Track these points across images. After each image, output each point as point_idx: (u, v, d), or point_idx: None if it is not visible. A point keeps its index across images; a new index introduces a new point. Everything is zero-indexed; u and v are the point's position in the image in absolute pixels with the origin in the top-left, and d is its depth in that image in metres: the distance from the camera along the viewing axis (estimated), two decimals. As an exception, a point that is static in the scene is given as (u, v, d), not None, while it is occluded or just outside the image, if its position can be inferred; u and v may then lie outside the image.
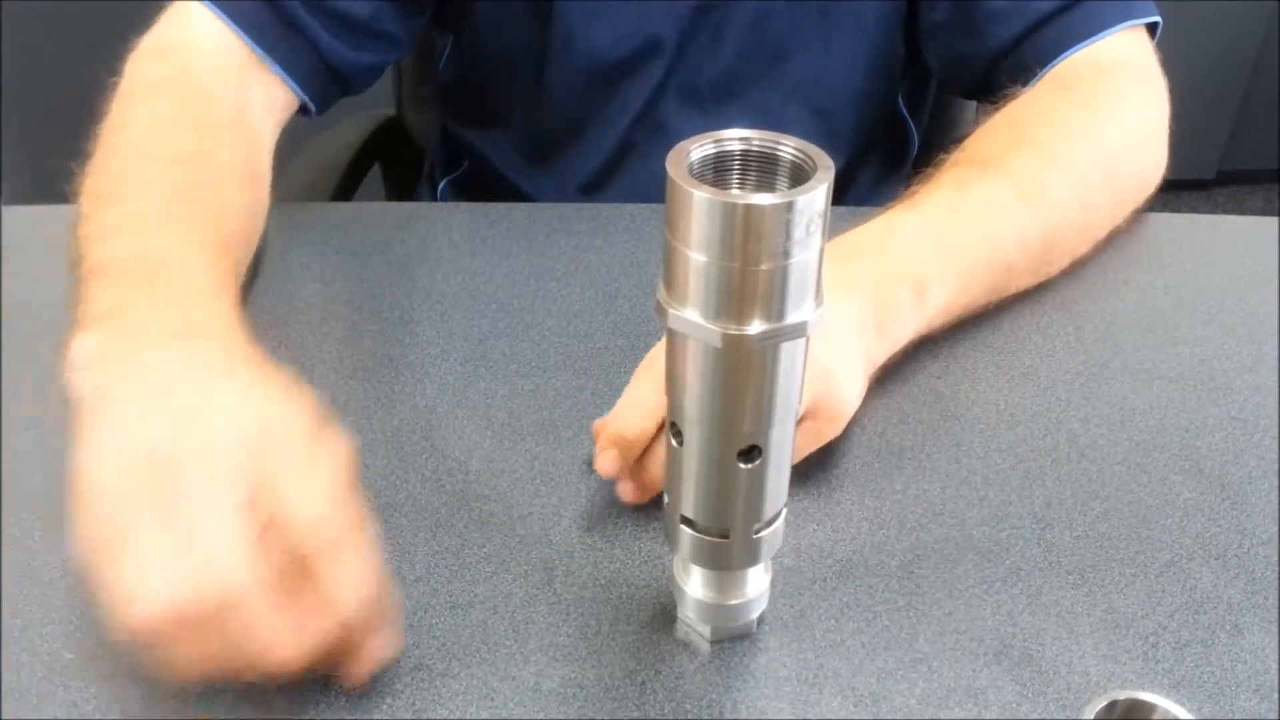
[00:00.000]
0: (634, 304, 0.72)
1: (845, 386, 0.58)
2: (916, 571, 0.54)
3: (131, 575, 0.42)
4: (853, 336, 0.59)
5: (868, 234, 0.65)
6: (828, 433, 0.58)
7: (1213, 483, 0.59)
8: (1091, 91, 0.78)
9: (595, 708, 0.48)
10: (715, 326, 0.38)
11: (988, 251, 0.68)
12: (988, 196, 0.69)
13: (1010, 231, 0.69)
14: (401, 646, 0.49)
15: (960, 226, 0.67)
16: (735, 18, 0.88)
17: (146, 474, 0.43)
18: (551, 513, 0.57)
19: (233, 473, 0.43)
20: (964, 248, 0.67)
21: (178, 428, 0.45)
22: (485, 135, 1.01)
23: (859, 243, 0.64)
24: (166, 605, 0.41)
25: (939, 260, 0.65)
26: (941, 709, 0.48)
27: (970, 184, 0.70)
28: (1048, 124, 0.75)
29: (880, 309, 0.61)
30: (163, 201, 0.63)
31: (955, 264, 0.66)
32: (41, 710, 0.48)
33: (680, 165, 0.37)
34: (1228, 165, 2.60)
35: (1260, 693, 0.48)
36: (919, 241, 0.65)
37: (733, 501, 0.44)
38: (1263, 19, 2.40)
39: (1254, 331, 0.71)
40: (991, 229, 0.68)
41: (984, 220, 0.68)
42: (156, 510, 0.42)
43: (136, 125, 0.70)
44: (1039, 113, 0.77)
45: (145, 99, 0.73)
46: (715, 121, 0.40)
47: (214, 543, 0.42)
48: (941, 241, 0.66)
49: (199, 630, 0.42)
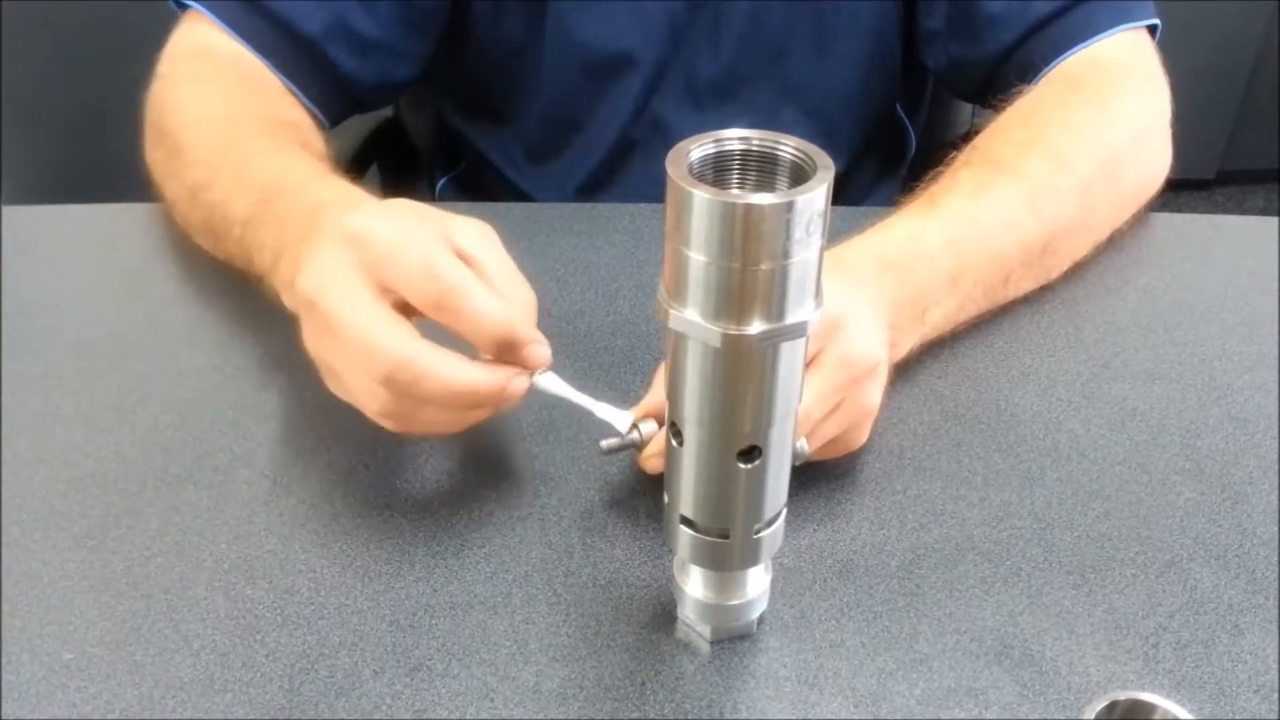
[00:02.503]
0: (634, 304, 0.72)
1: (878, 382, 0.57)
2: (916, 571, 0.54)
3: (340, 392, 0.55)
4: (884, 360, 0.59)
5: (894, 243, 0.64)
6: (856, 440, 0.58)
7: (1213, 483, 0.59)
8: (1098, 90, 0.78)
9: (595, 708, 0.48)
10: (715, 326, 0.38)
11: (991, 269, 0.68)
12: (999, 206, 0.69)
13: (1015, 244, 0.69)
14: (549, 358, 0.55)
15: (971, 243, 0.67)
16: (732, 17, 0.89)
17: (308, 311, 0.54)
18: (551, 513, 0.57)
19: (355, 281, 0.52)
20: (970, 270, 0.67)
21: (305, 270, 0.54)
22: (484, 132, 1.01)
23: (888, 253, 0.63)
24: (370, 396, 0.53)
25: (946, 283, 0.65)
26: (941, 709, 0.48)
27: (986, 190, 0.69)
28: (1058, 124, 0.75)
29: (894, 330, 0.61)
30: (262, 145, 0.71)
31: (959, 288, 0.66)
32: (41, 710, 0.48)
33: (680, 165, 0.37)
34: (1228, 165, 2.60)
35: (1260, 693, 0.48)
36: (935, 261, 0.65)
37: (732, 501, 0.44)
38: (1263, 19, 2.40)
39: (1254, 331, 0.71)
40: (999, 243, 0.68)
41: (994, 236, 0.68)
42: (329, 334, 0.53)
43: (208, 101, 0.77)
44: (1049, 112, 0.77)
45: (202, 80, 0.79)
46: (714, 121, 0.40)
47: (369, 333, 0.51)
48: (952, 261, 0.65)
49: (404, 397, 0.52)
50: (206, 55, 0.80)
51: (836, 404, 0.54)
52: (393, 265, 0.52)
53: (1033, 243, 0.70)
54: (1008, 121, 0.76)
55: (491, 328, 0.52)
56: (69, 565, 0.54)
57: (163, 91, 0.78)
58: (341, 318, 0.52)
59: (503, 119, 0.99)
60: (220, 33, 0.80)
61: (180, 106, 0.76)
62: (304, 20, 0.80)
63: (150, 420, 0.63)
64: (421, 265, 0.52)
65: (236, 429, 0.62)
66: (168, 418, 0.63)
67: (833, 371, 0.53)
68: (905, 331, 0.63)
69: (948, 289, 0.66)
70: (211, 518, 0.57)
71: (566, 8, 0.88)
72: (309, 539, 0.56)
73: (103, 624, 0.51)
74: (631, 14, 0.88)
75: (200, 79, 0.78)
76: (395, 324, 0.52)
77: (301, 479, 0.59)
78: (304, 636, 0.51)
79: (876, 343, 0.56)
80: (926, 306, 0.64)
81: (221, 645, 0.50)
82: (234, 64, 0.80)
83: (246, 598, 0.52)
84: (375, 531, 0.56)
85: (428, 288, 0.51)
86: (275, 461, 0.60)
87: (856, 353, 0.54)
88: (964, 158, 0.73)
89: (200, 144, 0.73)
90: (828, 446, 0.56)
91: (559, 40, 0.90)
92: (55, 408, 0.64)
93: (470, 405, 0.53)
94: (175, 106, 0.76)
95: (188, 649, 0.50)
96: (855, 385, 0.55)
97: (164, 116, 0.76)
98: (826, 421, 0.54)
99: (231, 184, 0.69)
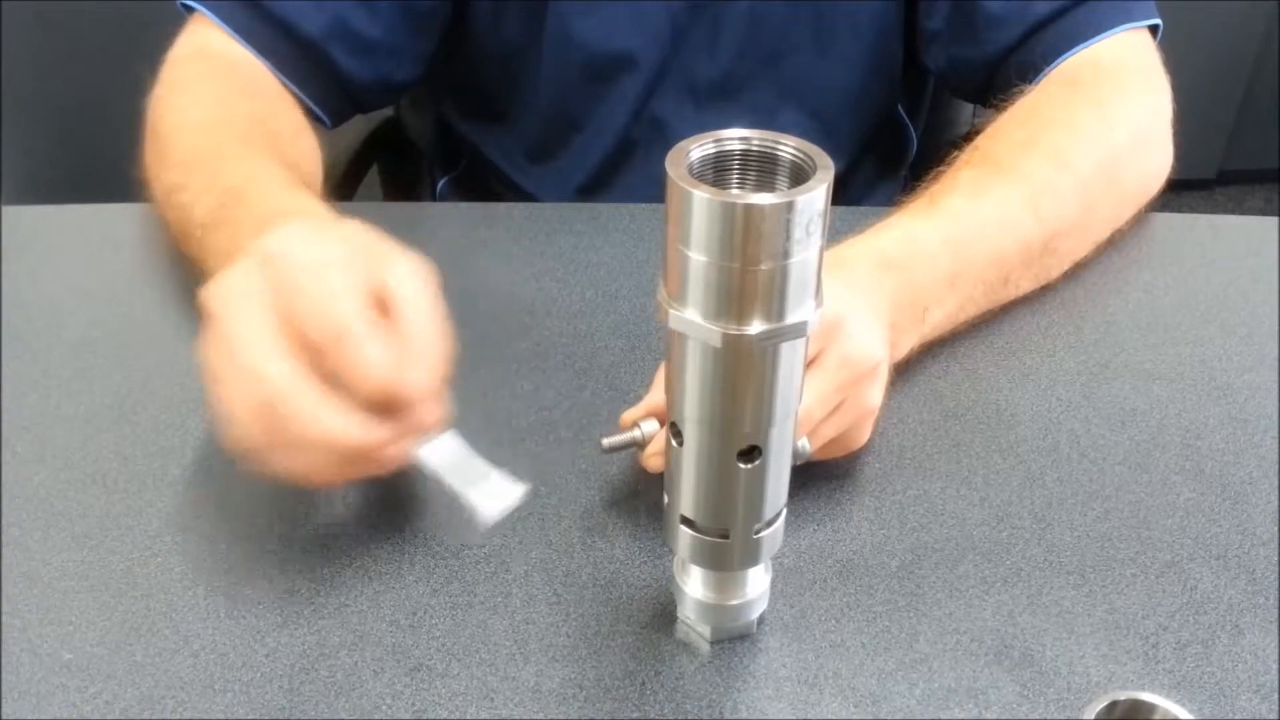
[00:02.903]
0: (634, 304, 0.72)
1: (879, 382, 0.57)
2: (916, 571, 0.54)
3: (216, 408, 0.50)
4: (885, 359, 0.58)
5: (895, 243, 0.64)
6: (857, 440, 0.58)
7: (1213, 483, 0.59)
8: (1099, 90, 0.78)
9: (595, 708, 0.48)
10: (715, 326, 0.38)
11: (992, 270, 0.68)
12: (999, 206, 0.69)
13: (1015, 244, 0.69)
14: (444, 418, 0.52)
15: (971, 243, 0.67)
16: (731, 17, 0.89)
17: (207, 320, 0.51)
18: (551, 513, 0.57)
19: (258, 303, 0.50)
20: (970, 270, 0.67)
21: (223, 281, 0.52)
22: (484, 131, 1.01)
23: (888, 254, 0.63)
24: (238, 421, 0.49)
25: (945, 283, 0.65)
26: (941, 709, 0.48)
27: (986, 191, 0.69)
28: (1058, 125, 0.75)
29: (894, 330, 0.61)
30: (238, 150, 0.71)
31: (959, 288, 0.66)
32: (41, 710, 0.48)
33: (680, 165, 0.37)
34: (1228, 165, 2.60)
35: (1260, 693, 0.48)
36: (934, 261, 0.65)
37: (733, 502, 0.44)
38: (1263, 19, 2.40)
39: (1254, 331, 0.71)
40: (999, 243, 0.68)
41: (994, 237, 0.68)
42: (217, 346, 0.50)
43: (200, 105, 0.76)
44: (1050, 112, 0.76)
45: (198, 83, 0.78)
46: (713, 121, 0.40)
47: (254, 357, 0.49)
48: (951, 261, 0.65)
49: (271, 431, 0.49)
50: (204, 57, 0.80)
51: (838, 404, 0.54)
52: (296, 296, 0.49)
53: (1033, 243, 0.70)
54: (1008, 122, 0.76)
55: (370, 381, 0.48)
56: (69, 565, 0.54)
57: (160, 94, 0.78)
58: (233, 335, 0.49)
59: (503, 119, 0.99)
60: (221, 34, 0.80)
61: (172, 109, 0.76)
62: (304, 21, 0.80)
63: (150, 420, 0.63)
64: (321, 302, 0.49)
65: (236, 429, 0.62)
66: (168, 418, 0.63)
67: (833, 371, 0.53)
68: (905, 331, 0.63)
69: (948, 289, 0.66)
70: (211, 518, 0.57)
71: (566, 8, 0.88)
72: (309, 539, 0.56)
73: (103, 624, 0.51)
74: (631, 14, 0.88)
75: (196, 82, 0.79)
76: (283, 356, 0.48)
77: (301, 479, 0.59)
78: (304, 636, 0.51)
79: (877, 342, 0.56)
80: (927, 306, 0.64)
81: (221, 645, 0.50)
82: (230, 67, 0.80)
83: (246, 598, 0.52)
84: (375, 531, 0.56)
85: (321, 326, 0.48)
86: (275, 461, 0.60)
87: (857, 352, 0.54)
88: (964, 158, 0.73)
89: (181, 147, 0.73)
90: (829, 446, 0.56)
91: (559, 41, 0.90)
92: (55, 408, 0.64)
93: (344, 459, 0.49)
94: (168, 109, 0.76)
95: (188, 649, 0.50)
96: (856, 385, 0.55)
97: (158, 119, 0.76)
98: (827, 421, 0.54)
99: (200, 187, 0.68)
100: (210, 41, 0.80)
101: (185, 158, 0.72)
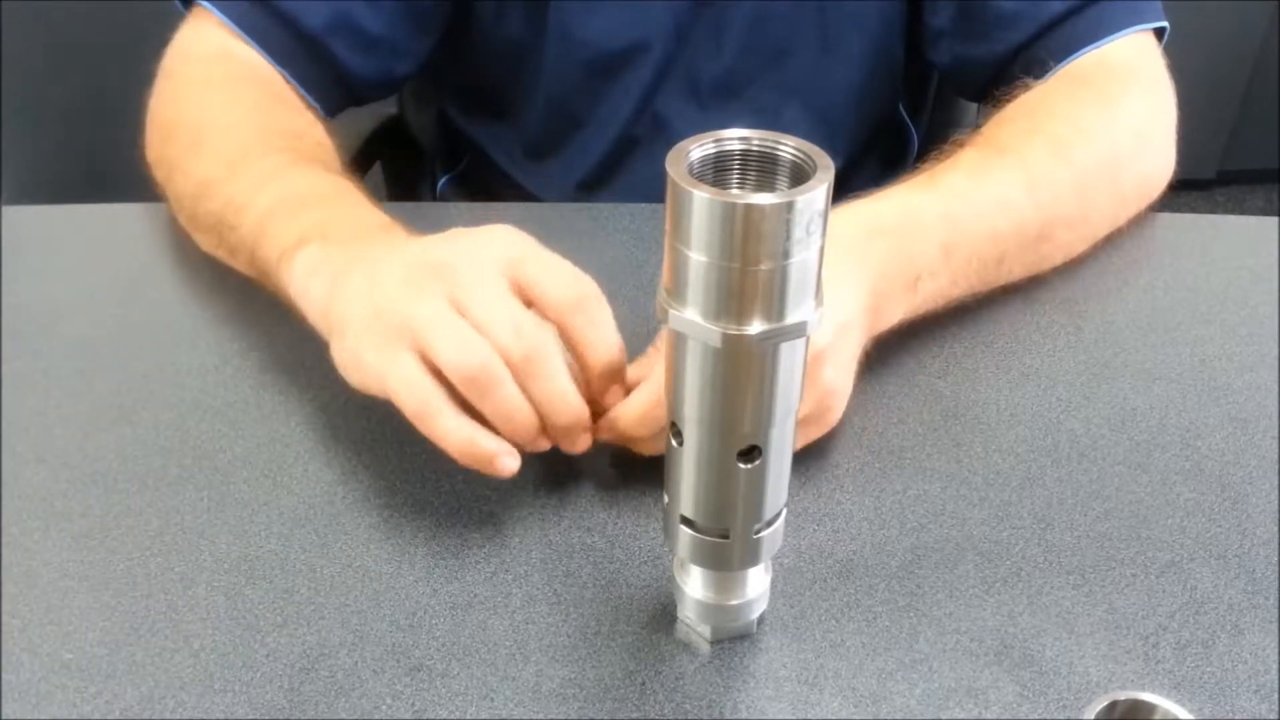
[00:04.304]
0: (634, 304, 0.72)
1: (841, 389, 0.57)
2: (916, 571, 0.54)
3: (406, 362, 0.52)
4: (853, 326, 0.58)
5: (889, 210, 0.65)
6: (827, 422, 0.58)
7: (1213, 483, 0.59)
8: (1105, 90, 0.78)
9: (595, 708, 0.48)
10: (715, 326, 0.38)
11: (987, 247, 0.68)
12: (998, 186, 0.69)
13: (1011, 225, 0.69)
14: None
15: (967, 218, 0.67)
16: (735, 16, 0.89)
17: (429, 272, 0.53)
18: (551, 513, 0.57)
19: (495, 268, 0.53)
20: (965, 244, 0.67)
21: (440, 247, 0.56)
22: (485, 129, 1.01)
23: (882, 221, 0.64)
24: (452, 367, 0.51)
25: (940, 254, 0.65)
26: (941, 709, 0.48)
27: (985, 171, 0.70)
28: (1063, 118, 0.75)
29: (878, 296, 0.61)
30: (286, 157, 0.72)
31: (953, 260, 0.66)
32: (41, 710, 0.48)
33: (680, 165, 0.37)
34: (1228, 165, 2.60)
35: (1260, 693, 0.48)
36: (928, 231, 0.65)
37: (732, 501, 0.44)
38: (1263, 19, 2.40)
39: (1254, 331, 0.71)
40: (995, 223, 0.68)
41: (990, 215, 0.68)
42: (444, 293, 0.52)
43: (235, 107, 0.77)
44: (1055, 106, 0.77)
45: (223, 88, 0.79)
46: (716, 119, 0.40)
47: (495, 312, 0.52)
48: (947, 233, 0.66)
49: (479, 389, 0.51)
50: (224, 60, 0.80)
51: None
52: (531, 264, 0.54)
53: (1028, 226, 0.70)
54: (1013, 112, 0.77)
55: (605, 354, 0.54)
56: (69, 565, 0.54)
57: (174, 90, 0.78)
58: (473, 292, 0.52)
59: (504, 116, 0.99)
60: (231, 35, 0.80)
61: (203, 106, 0.76)
62: (307, 15, 0.80)
63: (150, 420, 0.63)
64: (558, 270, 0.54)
65: (236, 429, 0.62)
66: (168, 418, 0.63)
67: None
68: (894, 299, 0.63)
69: (941, 260, 0.66)
70: (211, 518, 0.57)
71: (568, 5, 0.88)
72: (309, 539, 0.56)
73: (103, 624, 0.51)
74: (634, 12, 0.88)
75: (223, 85, 0.79)
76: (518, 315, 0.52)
77: (301, 479, 0.59)
78: (304, 636, 0.51)
79: (828, 325, 0.55)
80: (919, 275, 0.64)
81: (221, 645, 0.50)
82: (253, 72, 0.80)
83: (246, 598, 0.52)
84: (375, 531, 0.56)
85: (561, 295, 0.53)
86: (275, 461, 0.60)
87: None
88: (969, 141, 0.73)
89: (225, 144, 0.73)
90: (799, 433, 0.56)
91: (561, 37, 0.90)
92: (55, 408, 0.64)
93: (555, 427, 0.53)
94: (196, 106, 0.76)
95: (188, 649, 0.50)
96: None
97: (180, 114, 0.76)
98: None
99: (256, 182, 0.69)
100: (223, 42, 0.80)
101: (228, 155, 0.73)
